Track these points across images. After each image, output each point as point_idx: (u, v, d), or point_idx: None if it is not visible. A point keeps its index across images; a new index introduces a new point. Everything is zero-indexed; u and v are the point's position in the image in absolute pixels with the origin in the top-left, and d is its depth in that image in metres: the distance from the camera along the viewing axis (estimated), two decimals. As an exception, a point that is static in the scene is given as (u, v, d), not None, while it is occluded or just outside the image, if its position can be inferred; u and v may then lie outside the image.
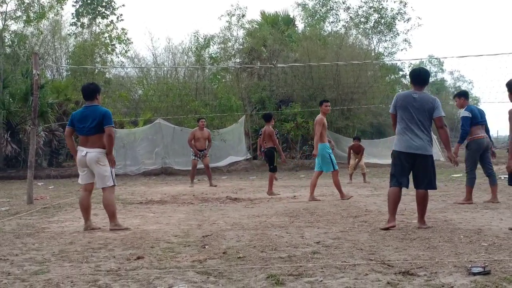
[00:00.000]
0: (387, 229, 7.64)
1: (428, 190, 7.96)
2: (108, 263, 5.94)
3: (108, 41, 32.14)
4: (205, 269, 5.52)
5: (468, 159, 11.17)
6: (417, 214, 8.01)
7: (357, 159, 17.80)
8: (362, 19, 30.31)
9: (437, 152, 25.35)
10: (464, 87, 66.14)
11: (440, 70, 63.91)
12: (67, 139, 8.86)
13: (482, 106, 62.89)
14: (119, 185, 16.86)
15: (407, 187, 7.89)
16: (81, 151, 8.35)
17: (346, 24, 30.96)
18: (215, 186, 16.90)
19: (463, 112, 11.03)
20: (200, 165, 18.34)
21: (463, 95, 11.45)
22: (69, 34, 33.26)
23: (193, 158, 17.68)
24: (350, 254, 6.13)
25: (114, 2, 34.98)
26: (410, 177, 7.95)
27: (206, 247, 6.74)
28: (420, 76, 8.07)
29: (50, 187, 17.94)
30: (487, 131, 11.24)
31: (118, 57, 32.43)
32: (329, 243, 6.81)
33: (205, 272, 5.37)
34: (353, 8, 30.48)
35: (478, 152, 11.01)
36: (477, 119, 10.91)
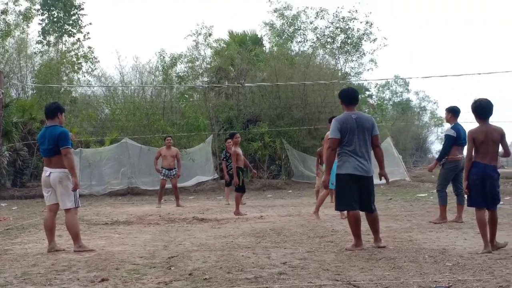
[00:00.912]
0: (352, 250, 7.68)
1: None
2: (72, 285, 5.87)
3: (75, 59, 31.91)
4: (171, 291, 5.47)
5: (441, 177, 11.19)
6: (373, 235, 8.05)
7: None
8: (329, 39, 30.56)
9: (402, 172, 25.61)
10: (429, 107, 66.92)
11: (405, 90, 64.53)
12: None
13: (446, 126, 63.94)
14: (84, 205, 16.68)
15: (359, 208, 7.90)
16: (45, 172, 8.30)
17: (313, 44, 31.20)
18: (182, 206, 16.81)
19: (448, 130, 10.97)
20: (168, 185, 18.24)
21: (451, 111, 11.19)
22: (35, 53, 32.97)
23: (162, 178, 17.58)
24: (317, 274, 6.14)
25: (81, 21, 34.84)
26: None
27: (172, 268, 6.70)
28: (350, 95, 8.14)
29: (13, 208, 17.65)
30: None
31: (84, 75, 32.23)
32: (295, 263, 6.82)
33: (170, 295, 5.33)
34: (320, 29, 30.75)
35: (453, 172, 11.02)
36: (459, 140, 10.79)
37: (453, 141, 10.81)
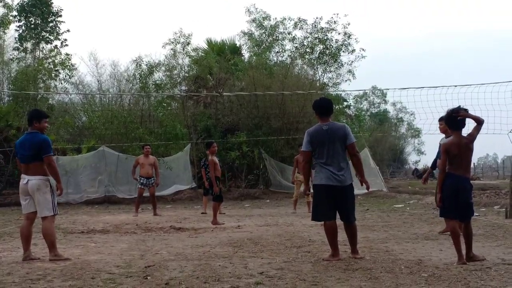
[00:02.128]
0: (329, 260, 7.69)
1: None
2: (47, 295, 5.81)
3: (52, 66, 31.64)
4: (147, 301, 5.45)
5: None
6: (350, 246, 8.07)
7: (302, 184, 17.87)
8: (308, 50, 30.65)
9: (380, 183, 25.74)
10: (406, 118, 67.45)
11: (383, 102, 65.03)
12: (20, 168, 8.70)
13: (423, 137, 64.24)
14: (60, 214, 16.49)
15: (335, 218, 7.92)
16: (23, 179, 8.24)
17: (292, 54, 31.30)
18: (159, 215, 16.73)
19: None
20: (145, 193, 18.16)
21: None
22: (11, 59, 32.64)
23: (140, 186, 17.48)
24: (293, 285, 6.15)
25: (59, 28, 34.54)
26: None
27: (148, 278, 6.67)
28: (323, 106, 8.13)
29: (-12, 216, 17.46)
30: None
31: (61, 83, 31.94)
32: (272, 273, 6.82)
33: (146, 304, 5.30)
34: (298, 39, 30.85)
35: None
36: None
37: None
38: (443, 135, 10.84)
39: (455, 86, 18.46)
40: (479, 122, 7.55)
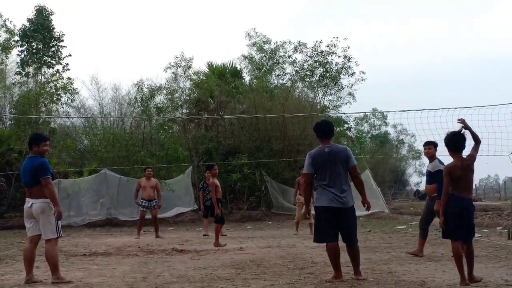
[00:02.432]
0: (332, 282, 7.69)
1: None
2: (50, 317, 5.81)
3: (54, 90, 31.77)
4: (150, 323, 5.45)
5: (427, 213, 10.98)
6: (353, 267, 8.06)
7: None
8: (308, 73, 30.78)
9: (381, 204, 25.71)
10: (406, 140, 67.55)
11: (383, 124, 65.10)
12: None
13: (424, 159, 64.20)
14: (63, 236, 16.46)
15: (337, 240, 7.91)
16: (27, 203, 8.30)
17: (292, 78, 31.45)
18: (161, 237, 16.72)
19: (439, 166, 10.33)
20: (147, 216, 18.15)
21: (435, 146, 10.88)
22: (13, 83, 32.79)
23: (142, 209, 17.49)
24: (296, 306, 6.14)
25: (61, 52, 34.74)
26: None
27: (151, 300, 6.66)
28: (324, 128, 8.17)
29: (-10, 239, 17.44)
30: None
31: (63, 107, 32.05)
32: (275, 295, 6.81)
33: (150, 326, 5.30)
34: (298, 62, 31.00)
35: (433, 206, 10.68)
36: None
37: None
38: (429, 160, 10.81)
39: (455, 108, 18.51)
40: (478, 141, 7.64)
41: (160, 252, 12.55)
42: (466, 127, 7.64)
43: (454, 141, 7.55)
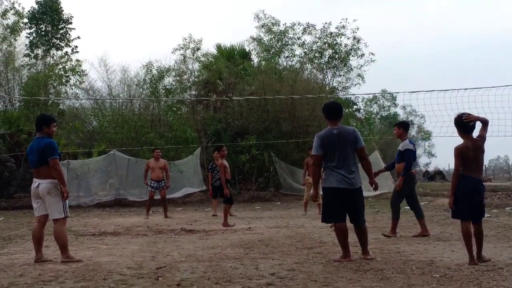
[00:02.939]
0: (340, 261, 7.70)
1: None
2: (59, 295, 5.83)
3: (62, 72, 31.82)
4: (159, 301, 5.46)
5: (401, 192, 11.15)
6: (361, 247, 8.08)
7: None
8: (317, 54, 30.69)
9: (390, 185, 25.65)
10: (416, 121, 67.28)
11: (392, 105, 64.99)
12: None
13: (434, 139, 64.04)
14: (72, 216, 16.58)
15: (345, 220, 7.93)
16: (34, 183, 8.32)
17: (301, 59, 31.34)
18: (170, 217, 16.78)
19: (408, 145, 10.89)
20: (156, 196, 18.21)
21: (403, 126, 11.36)
22: (22, 65, 32.85)
23: (150, 189, 17.53)
24: (305, 285, 6.15)
25: (69, 34, 34.76)
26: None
27: (159, 279, 6.69)
28: (333, 110, 8.17)
29: (0, 219, 17.54)
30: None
31: (72, 88, 32.10)
32: (283, 274, 6.82)
33: (158, 304, 5.32)
34: (307, 44, 30.90)
35: (409, 186, 11.04)
36: (414, 155, 11.04)
37: (413, 155, 10.92)
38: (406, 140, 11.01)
39: (465, 89, 18.39)
40: (485, 123, 7.60)
41: (169, 232, 12.59)
42: (476, 120, 7.56)
43: (464, 122, 7.49)
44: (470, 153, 7.37)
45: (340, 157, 7.82)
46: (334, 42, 30.30)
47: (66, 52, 34.48)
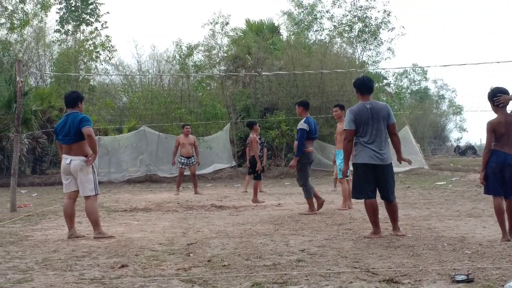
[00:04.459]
0: (371, 237, 7.68)
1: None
2: (92, 271, 5.91)
3: (92, 48, 32.03)
4: (190, 277, 5.51)
5: (301, 172, 11.29)
6: (391, 223, 8.04)
7: None
8: (346, 28, 30.45)
9: (421, 160, 25.50)
10: (447, 95, 66.69)
11: (423, 79, 64.37)
12: (60, 152, 8.84)
13: (465, 114, 63.29)
14: (103, 192, 16.81)
15: (375, 196, 7.90)
16: (65, 159, 8.35)
17: (330, 33, 31.11)
18: (200, 194, 16.88)
19: (301, 124, 11.13)
20: (186, 172, 18.31)
21: (302, 105, 11.67)
22: (53, 41, 33.13)
23: (180, 166, 17.60)
24: (335, 262, 6.15)
25: (99, 10, 34.95)
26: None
27: (190, 255, 6.73)
28: (365, 84, 8.09)
29: (33, 195, 17.83)
30: None
31: (102, 64, 32.33)
32: (313, 251, 6.82)
33: (189, 280, 5.36)
34: (337, 17, 30.66)
35: (309, 164, 11.30)
36: (311, 134, 11.14)
37: (306, 134, 11.01)
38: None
39: (498, 62, 18.21)
40: None
41: (199, 208, 12.67)
42: (507, 101, 7.38)
43: (498, 97, 7.36)
44: (502, 128, 7.26)
45: (372, 133, 7.77)
46: (364, 16, 29.99)
47: (96, 27, 34.69)
